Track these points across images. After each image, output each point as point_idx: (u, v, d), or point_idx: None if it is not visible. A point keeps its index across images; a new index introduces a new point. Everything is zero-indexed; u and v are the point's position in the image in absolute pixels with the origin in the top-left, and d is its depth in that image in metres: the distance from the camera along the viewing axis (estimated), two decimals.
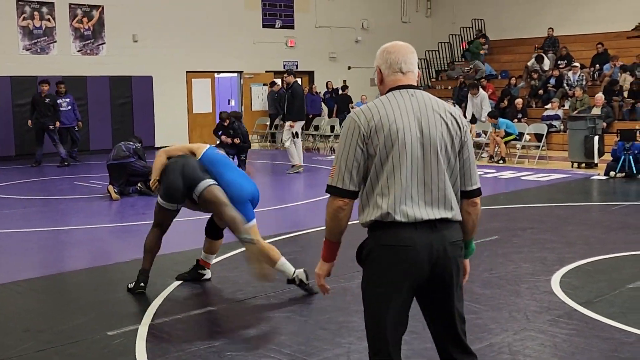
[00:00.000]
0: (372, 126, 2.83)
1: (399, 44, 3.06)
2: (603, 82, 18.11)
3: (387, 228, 2.83)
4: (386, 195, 2.83)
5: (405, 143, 2.82)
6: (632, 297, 5.36)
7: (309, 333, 4.73)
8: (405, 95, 2.91)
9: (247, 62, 20.94)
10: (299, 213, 9.87)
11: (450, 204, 2.88)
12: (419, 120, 2.86)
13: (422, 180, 2.84)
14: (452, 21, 24.24)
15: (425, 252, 2.81)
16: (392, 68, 2.98)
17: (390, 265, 2.84)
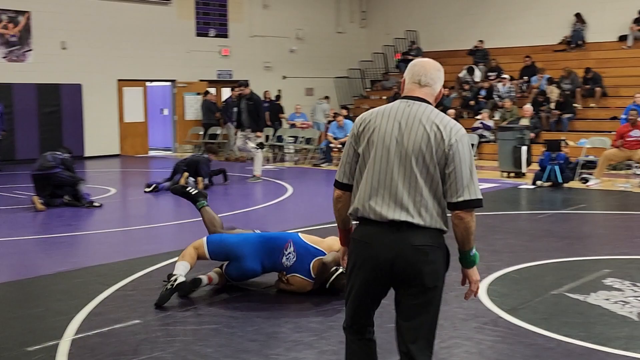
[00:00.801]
0: (362, 129, 3.12)
1: (427, 60, 3.26)
2: (531, 93, 18.59)
3: (359, 223, 3.12)
4: (360, 192, 3.08)
5: (383, 147, 3.03)
6: (555, 304, 5.47)
7: (237, 345, 4.66)
8: (403, 104, 3.12)
9: (180, 71, 20.74)
10: (230, 223, 9.76)
11: (420, 210, 3.00)
12: (401, 128, 3.04)
13: (395, 183, 3.00)
14: (386, 32, 24.53)
15: (383, 251, 3.00)
16: (413, 78, 3.18)
17: (355, 257, 3.12)
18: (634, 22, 19.53)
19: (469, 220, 3.07)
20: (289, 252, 5.68)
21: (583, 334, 4.76)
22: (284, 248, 5.71)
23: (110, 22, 19.10)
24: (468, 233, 3.10)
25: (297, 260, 5.64)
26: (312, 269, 5.61)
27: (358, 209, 3.08)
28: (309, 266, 5.62)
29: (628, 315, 5.14)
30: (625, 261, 6.86)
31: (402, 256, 2.99)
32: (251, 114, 13.78)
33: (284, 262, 5.69)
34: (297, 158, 18.41)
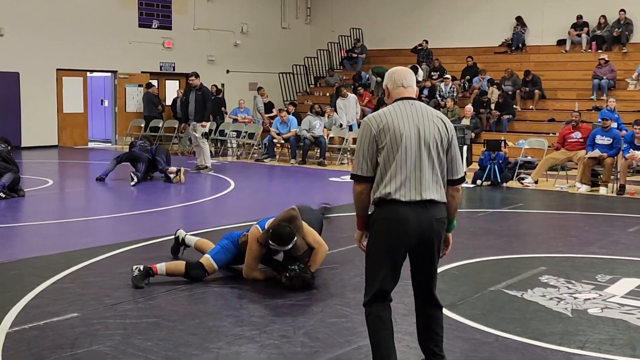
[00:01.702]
0: (380, 128, 3.68)
1: (401, 67, 3.95)
2: (472, 94, 18.90)
3: (386, 205, 3.67)
4: (393, 181, 3.65)
5: (406, 143, 3.65)
6: (492, 300, 5.58)
7: (177, 338, 4.62)
8: (407, 104, 3.76)
9: (122, 62, 20.39)
10: (169, 218, 9.67)
11: (437, 189, 3.71)
12: (417, 125, 3.69)
13: (419, 170, 3.67)
14: (331, 29, 24.60)
15: (415, 225, 3.65)
16: (396, 83, 3.83)
17: (388, 234, 3.69)
18: (572, 27, 20.04)
19: (460, 192, 3.89)
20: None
21: (519, 329, 4.87)
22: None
23: (51, 9, 18.65)
24: (459, 203, 3.91)
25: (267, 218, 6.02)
26: (267, 224, 5.84)
27: (390, 193, 3.64)
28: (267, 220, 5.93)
29: (563, 312, 5.27)
30: (561, 259, 7.04)
31: (430, 227, 3.69)
32: (198, 104, 13.92)
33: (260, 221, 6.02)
34: (240, 152, 18.32)
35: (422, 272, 3.89)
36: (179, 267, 5.90)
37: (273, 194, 12.23)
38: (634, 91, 17.68)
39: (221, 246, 5.99)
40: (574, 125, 12.79)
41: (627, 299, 5.60)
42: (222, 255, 5.94)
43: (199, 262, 5.92)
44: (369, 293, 3.82)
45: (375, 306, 3.82)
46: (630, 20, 19.16)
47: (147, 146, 12.97)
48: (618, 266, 6.73)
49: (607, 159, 11.94)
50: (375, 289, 3.79)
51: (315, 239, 5.95)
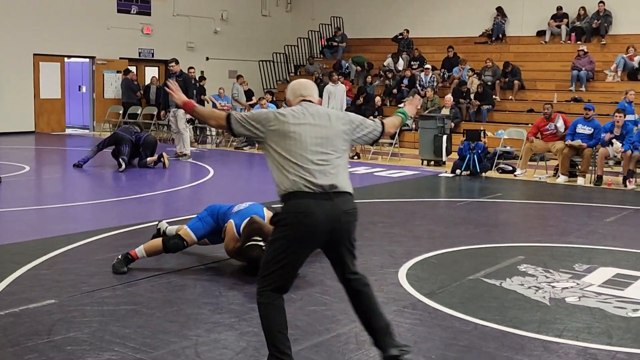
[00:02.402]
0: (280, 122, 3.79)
1: (301, 80, 4.14)
2: (452, 84, 18.94)
3: (295, 198, 3.69)
4: (293, 172, 3.70)
5: (305, 136, 3.74)
6: (471, 288, 5.60)
7: (156, 326, 4.59)
8: (304, 104, 3.90)
9: (100, 48, 20.19)
10: (148, 205, 9.60)
11: (342, 179, 3.80)
12: (317, 121, 3.81)
13: (322, 162, 3.73)
14: (311, 17, 24.52)
15: (323, 216, 3.64)
16: (295, 94, 3.99)
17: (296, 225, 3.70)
18: (552, 18, 20.13)
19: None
20: (244, 204, 5.97)
21: (498, 317, 4.89)
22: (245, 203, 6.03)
23: None
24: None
25: (242, 211, 5.82)
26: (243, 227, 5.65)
27: (296, 183, 3.72)
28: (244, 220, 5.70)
29: (540, 300, 5.31)
30: (539, 248, 7.08)
31: (337, 219, 3.81)
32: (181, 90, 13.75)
33: (234, 208, 5.90)
34: (219, 140, 18.23)
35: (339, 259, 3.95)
36: (157, 245, 5.81)
37: (252, 182, 12.19)
38: (612, 83, 17.81)
39: (199, 218, 5.96)
40: (546, 117, 12.80)
41: (604, 288, 5.64)
42: (200, 226, 5.89)
43: (176, 234, 5.90)
44: (270, 283, 3.78)
45: (278, 294, 3.80)
46: (609, 12, 19.29)
47: (133, 129, 12.83)
48: (595, 256, 6.78)
49: (586, 150, 12.02)
50: (277, 280, 3.78)
51: None
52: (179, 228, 6.31)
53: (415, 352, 4.22)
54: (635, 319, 4.92)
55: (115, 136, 12.65)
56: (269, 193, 10.58)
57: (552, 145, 12.66)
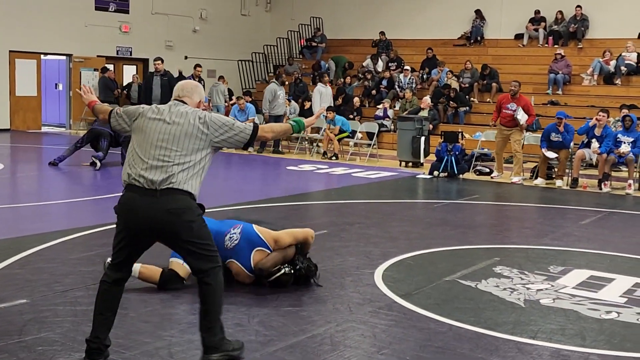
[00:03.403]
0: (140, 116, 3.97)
1: (185, 81, 4.25)
2: (431, 85, 19.01)
3: (126, 190, 3.87)
4: (133, 165, 3.83)
5: (155, 131, 3.86)
6: (447, 290, 5.61)
7: (129, 326, 4.54)
8: (172, 102, 4.01)
9: (78, 45, 20.00)
10: None
11: (178, 178, 3.80)
12: (172, 118, 3.88)
13: (162, 158, 3.81)
14: (291, 17, 24.48)
15: (143, 212, 3.77)
16: (173, 94, 4.10)
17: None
18: (530, 22, 20.28)
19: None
20: (234, 232, 5.46)
21: (473, 318, 4.90)
22: (232, 227, 5.50)
23: None
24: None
25: (238, 245, 5.39)
26: (253, 261, 5.36)
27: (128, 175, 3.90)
28: (249, 255, 5.37)
29: (515, 302, 5.33)
30: (515, 250, 7.12)
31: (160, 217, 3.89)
32: (164, 89, 14.11)
33: (226, 241, 5.42)
34: None
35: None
36: (153, 275, 5.34)
37: (230, 182, 12.14)
38: (588, 86, 17.98)
39: None
40: (512, 94, 12.74)
41: (578, 290, 5.68)
42: None
43: (174, 272, 5.35)
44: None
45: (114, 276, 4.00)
46: (586, 17, 19.46)
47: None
48: (570, 258, 6.83)
49: (562, 153, 12.10)
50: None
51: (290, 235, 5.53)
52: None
53: (390, 353, 4.22)
54: (608, 321, 4.95)
55: (93, 131, 12.53)
56: (246, 192, 10.58)
57: (511, 133, 12.61)
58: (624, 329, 4.80)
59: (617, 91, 17.44)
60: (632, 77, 17.77)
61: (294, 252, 5.49)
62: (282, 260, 5.41)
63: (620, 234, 8.33)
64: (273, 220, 7.53)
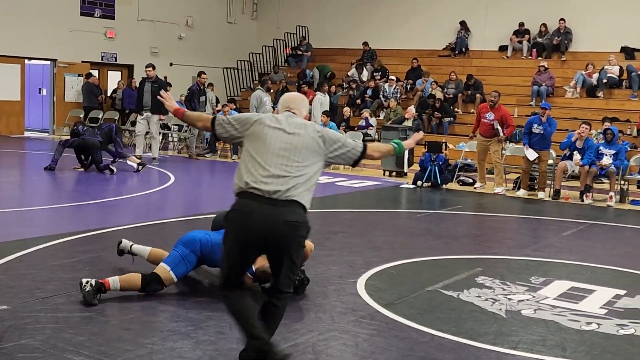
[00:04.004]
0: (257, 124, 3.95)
1: (293, 93, 4.35)
2: (416, 95, 19.10)
3: (241, 197, 3.85)
4: (251, 172, 3.82)
5: (275, 140, 3.86)
6: (429, 299, 5.63)
7: (111, 334, 4.52)
8: (287, 113, 4.05)
9: (62, 51, 19.91)
10: (107, 210, 9.49)
11: (297, 189, 3.78)
12: (291, 129, 3.89)
13: (282, 167, 3.79)
14: (277, 26, 24.52)
15: (261, 219, 3.72)
16: (283, 106, 4.15)
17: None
18: (514, 34, 20.43)
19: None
20: None
21: (455, 328, 4.92)
22: None
23: None
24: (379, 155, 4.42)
25: None
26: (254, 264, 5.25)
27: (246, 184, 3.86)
28: None
29: (497, 312, 5.36)
30: (496, 261, 7.15)
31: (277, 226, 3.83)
32: (154, 95, 14.05)
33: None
34: (182, 147, 18.10)
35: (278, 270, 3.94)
36: (134, 282, 5.23)
37: (214, 189, 12.12)
38: (571, 98, 18.13)
39: (182, 257, 5.35)
40: (491, 105, 12.84)
41: (559, 301, 5.72)
42: (182, 268, 5.34)
43: (156, 275, 5.27)
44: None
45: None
46: (569, 30, 19.64)
47: (95, 131, 12.72)
48: (551, 269, 6.88)
49: (543, 155, 12.16)
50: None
51: None
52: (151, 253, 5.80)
53: None
54: (588, 332, 4.99)
55: (85, 142, 12.44)
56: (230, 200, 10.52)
57: (491, 143, 12.70)
58: (604, 340, 4.84)
59: (600, 104, 17.61)
60: (614, 90, 17.94)
61: None
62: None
63: (601, 245, 8.40)
64: None
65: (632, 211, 11.25)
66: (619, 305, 5.70)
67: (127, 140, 18.06)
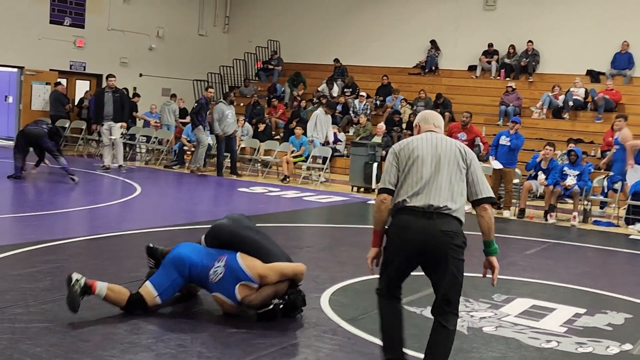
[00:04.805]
0: (401, 148, 4.15)
1: (432, 111, 4.54)
2: (385, 112, 19.22)
3: (400, 213, 4.04)
4: (407, 190, 4.02)
5: (422, 160, 4.06)
6: None
7: (69, 345, 4.45)
8: (429, 134, 4.23)
9: (30, 58, 19.68)
10: (71, 220, 9.37)
11: (449, 202, 4.03)
12: (435, 146, 4.10)
13: (433, 184, 4.01)
14: (248, 39, 24.54)
15: (419, 232, 3.97)
16: (427, 122, 4.32)
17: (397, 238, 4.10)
18: (483, 54, 20.69)
19: (489, 212, 4.34)
20: (218, 266, 5.16)
21: (417, 344, 4.92)
22: (217, 260, 5.21)
23: None
24: (490, 224, 4.34)
25: (223, 279, 5.11)
26: (238, 293, 5.11)
27: (404, 200, 4.02)
28: (233, 289, 5.11)
29: (459, 329, 5.34)
30: None
31: (434, 237, 4.06)
32: (116, 104, 14.50)
33: (210, 275, 5.15)
34: (149, 158, 17.97)
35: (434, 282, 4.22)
36: (120, 298, 5.05)
37: (180, 201, 12.03)
38: (537, 119, 18.38)
39: (171, 281, 5.14)
40: (463, 125, 12.95)
41: (520, 319, 5.77)
42: (170, 292, 5.17)
43: (142, 299, 5.09)
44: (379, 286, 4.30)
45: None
46: (537, 52, 19.95)
47: (40, 124, 12.57)
48: (514, 287, 6.93)
49: (508, 175, 12.30)
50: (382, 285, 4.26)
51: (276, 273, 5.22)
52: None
53: None
54: (548, 350, 5.03)
55: (30, 135, 12.27)
56: (197, 213, 10.49)
57: None
58: (563, 358, 4.89)
59: (565, 125, 17.87)
60: (579, 112, 18.23)
61: (286, 287, 5.23)
62: (272, 296, 5.15)
63: (563, 264, 8.50)
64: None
65: (594, 231, 11.41)
66: (578, 323, 5.76)
67: (94, 151, 17.92)
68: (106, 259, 6.90)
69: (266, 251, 5.35)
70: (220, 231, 5.45)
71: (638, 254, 9.64)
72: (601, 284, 7.43)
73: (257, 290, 5.13)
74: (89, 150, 18.25)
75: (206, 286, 5.24)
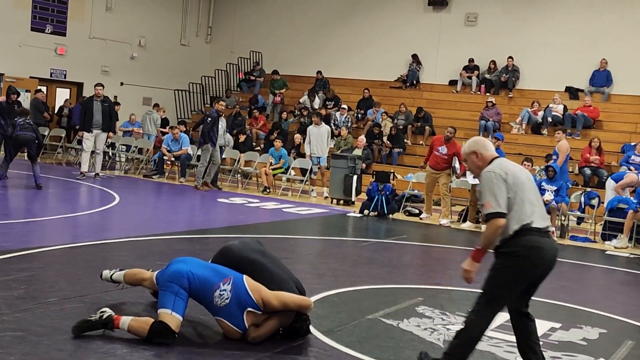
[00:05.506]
0: (506, 173, 4.40)
1: (483, 138, 4.90)
2: (366, 125, 19.28)
3: (528, 234, 4.34)
4: (528, 213, 4.35)
5: (524, 184, 4.42)
6: (369, 327, 5.65)
7: (42, 354, 4.41)
8: (504, 160, 4.59)
9: (10, 65, 19.55)
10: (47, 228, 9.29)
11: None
12: (521, 171, 4.52)
13: (538, 205, 4.44)
14: (230, 50, 24.56)
15: (550, 251, 4.39)
16: (487, 149, 4.61)
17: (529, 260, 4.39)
18: (464, 69, 20.85)
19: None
20: (224, 290, 4.93)
21: (393, 357, 4.94)
22: (222, 281, 4.97)
23: None
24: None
25: (230, 305, 4.91)
26: (246, 321, 4.93)
27: (531, 222, 4.34)
28: (242, 316, 4.92)
29: (435, 342, 5.39)
30: (438, 291, 7.22)
31: (555, 254, 4.47)
32: (104, 114, 14.59)
33: (215, 297, 4.93)
34: (128, 167, 17.88)
35: (531, 292, 4.60)
36: (142, 328, 4.83)
37: (159, 211, 11.98)
38: (516, 134, 18.53)
39: (175, 294, 4.88)
40: (446, 139, 12.99)
41: (496, 332, 5.78)
42: (180, 304, 4.88)
43: (166, 326, 4.80)
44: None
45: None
46: (517, 68, 20.14)
47: (29, 123, 12.51)
48: None
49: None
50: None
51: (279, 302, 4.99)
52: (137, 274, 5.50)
53: None
54: None
55: (18, 140, 12.28)
56: (173, 223, 10.45)
57: (441, 175, 12.89)
58: None
59: (544, 141, 18.01)
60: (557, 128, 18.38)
61: (290, 320, 5.08)
62: (277, 329, 5.05)
63: None
64: (200, 252, 7.47)
65: (571, 246, 11.49)
66: (553, 337, 5.80)
67: (73, 159, 17.81)
68: (81, 267, 6.85)
69: (271, 275, 5.25)
70: (229, 251, 5.47)
71: (614, 270, 9.74)
72: (577, 298, 7.49)
73: (263, 318, 4.99)
74: (68, 159, 18.13)
75: (209, 307, 5.03)
